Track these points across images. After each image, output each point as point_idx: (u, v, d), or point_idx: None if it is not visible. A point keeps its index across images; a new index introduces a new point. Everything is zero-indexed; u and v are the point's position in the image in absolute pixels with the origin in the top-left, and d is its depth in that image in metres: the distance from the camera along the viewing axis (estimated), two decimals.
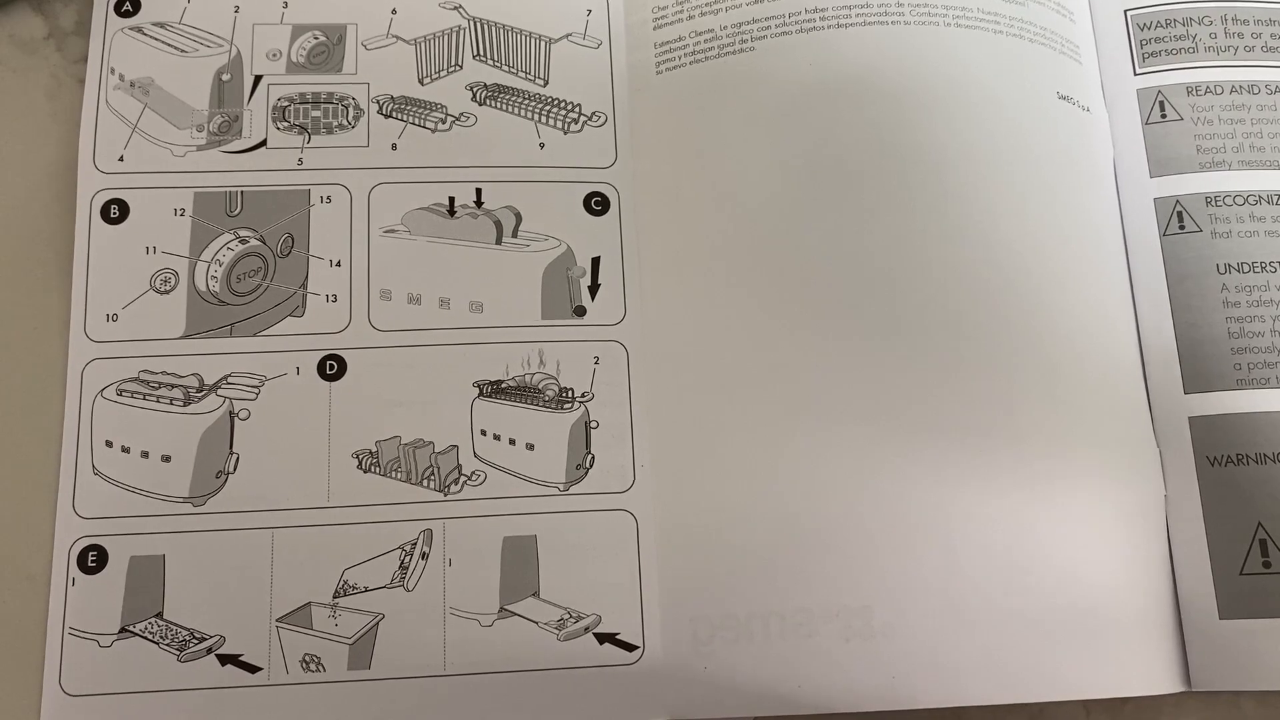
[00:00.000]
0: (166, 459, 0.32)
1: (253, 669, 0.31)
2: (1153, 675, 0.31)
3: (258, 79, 0.35)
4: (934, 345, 0.33)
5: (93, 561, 0.31)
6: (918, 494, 0.31)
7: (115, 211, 0.34)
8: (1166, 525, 0.33)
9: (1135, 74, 0.36)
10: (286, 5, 0.36)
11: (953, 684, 0.30)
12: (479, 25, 0.36)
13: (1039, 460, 0.32)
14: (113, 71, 0.35)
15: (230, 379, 0.33)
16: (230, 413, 0.32)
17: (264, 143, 0.35)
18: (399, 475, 0.32)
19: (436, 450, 0.32)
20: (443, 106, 0.35)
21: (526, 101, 0.36)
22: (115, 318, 0.33)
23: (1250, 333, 0.33)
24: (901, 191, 0.34)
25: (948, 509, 0.31)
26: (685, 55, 0.36)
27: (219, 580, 0.31)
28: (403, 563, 0.32)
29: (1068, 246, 0.34)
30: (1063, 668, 0.31)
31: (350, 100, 0.35)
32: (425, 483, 0.32)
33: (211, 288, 0.33)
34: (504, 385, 0.33)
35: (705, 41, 0.36)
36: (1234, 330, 0.33)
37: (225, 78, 0.35)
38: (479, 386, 0.33)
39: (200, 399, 0.32)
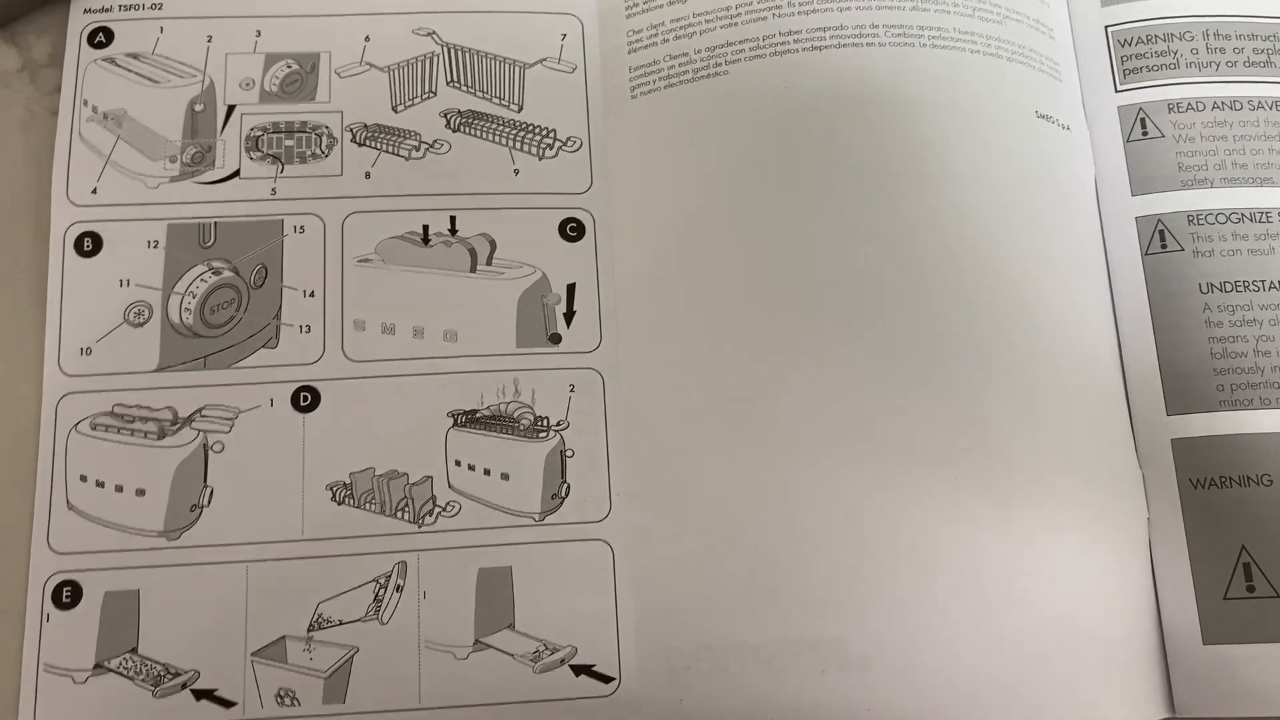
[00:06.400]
0: (141, 493, 0.32)
1: (228, 704, 0.31)
2: (1135, 702, 0.31)
3: (231, 109, 0.35)
4: (912, 367, 0.32)
5: (67, 597, 0.31)
6: (894, 522, 0.31)
7: (89, 244, 0.34)
8: (1149, 549, 0.32)
9: (1116, 91, 0.36)
10: (259, 34, 0.36)
11: (931, 714, 0.30)
12: (452, 51, 0.36)
13: (1019, 484, 0.32)
14: (86, 103, 0.35)
15: (204, 411, 0.32)
16: (204, 445, 0.32)
17: (237, 173, 0.34)
18: (373, 507, 0.32)
19: (411, 481, 0.32)
20: (416, 134, 0.35)
21: (501, 128, 0.35)
22: (89, 351, 0.33)
23: (1233, 353, 0.33)
24: (879, 214, 0.33)
25: (924, 536, 0.31)
26: (660, 79, 0.36)
27: (193, 615, 0.31)
28: (377, 595, 0.31)
29: (1048, 266, 0.34)
30: (1044, 695, 0.30)
31: (324, 129, 0.35)
32: (399, 514, 0.32)
33: (185, 320, 0.33)
34: (479, 415, 0.33)
35: (680, 65, 0.35)
36: (1216, 350, 0.33)
37: (198, 108, 0.35)
38: (454, 416, 0.33)
39: (174, 432, 0.32)
